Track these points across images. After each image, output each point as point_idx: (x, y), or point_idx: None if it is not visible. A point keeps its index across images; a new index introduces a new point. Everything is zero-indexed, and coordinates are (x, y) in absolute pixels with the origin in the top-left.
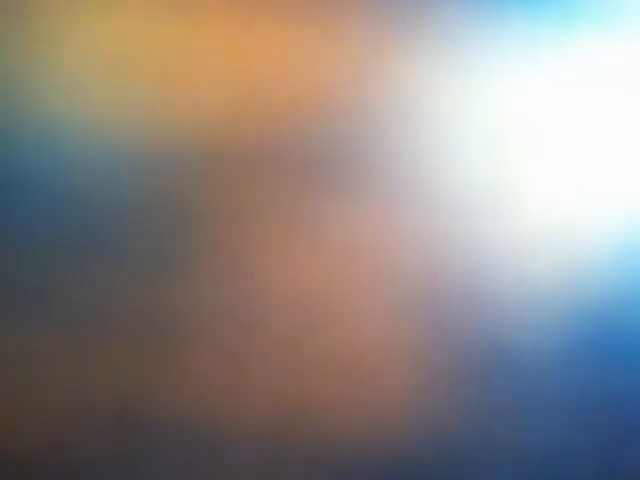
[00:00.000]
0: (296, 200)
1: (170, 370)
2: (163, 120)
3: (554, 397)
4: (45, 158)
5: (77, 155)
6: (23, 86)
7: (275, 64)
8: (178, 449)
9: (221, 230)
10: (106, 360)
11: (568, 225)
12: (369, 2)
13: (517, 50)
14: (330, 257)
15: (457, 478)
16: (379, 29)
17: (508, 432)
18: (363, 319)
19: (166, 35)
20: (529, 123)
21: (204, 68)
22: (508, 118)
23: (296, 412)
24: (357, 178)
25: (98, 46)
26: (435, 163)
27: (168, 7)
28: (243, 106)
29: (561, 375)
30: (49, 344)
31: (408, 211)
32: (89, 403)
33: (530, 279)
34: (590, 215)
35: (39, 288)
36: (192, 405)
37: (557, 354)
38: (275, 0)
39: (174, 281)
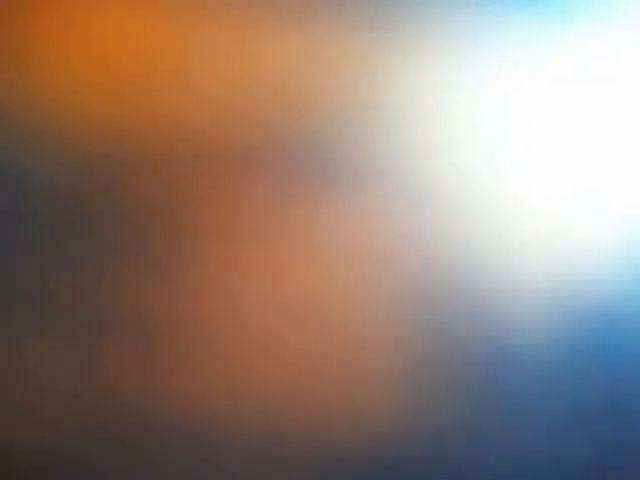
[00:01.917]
0: (293, 200)
1: (168, 371)
2: (160, 120)
3: (553, 397)
4: (37, 158)
5: (72, 154)
6: (19, 89)
7: (272, 65)
8: (177, 449)
9: (218, 230)
10: (104, 360)
11: (567, 225)
12: (367, 4)
13: (515, 49)
14: (327, 257)
15: (456, 478)
16: (377, 30)
17: (508, 432)
18: (361, 319)
19: (163, 36)
20: (528, 123)
21: (201, 69)
22: (506, 118)
23: (294, 412)
24: (354, 178)
25: (95, 50)
26: (433, 163)
27: (165, 9)
28: (240, 107)
29: (560, 375)
30: (47, 346)
31: (406, 211)
32: (88, 403)
33: (529, 279)
34: (589, 215)
35: (36, 288)
36: (190, 405)
37: (556, 354)
38: (273, 2)
39: (171, 282)
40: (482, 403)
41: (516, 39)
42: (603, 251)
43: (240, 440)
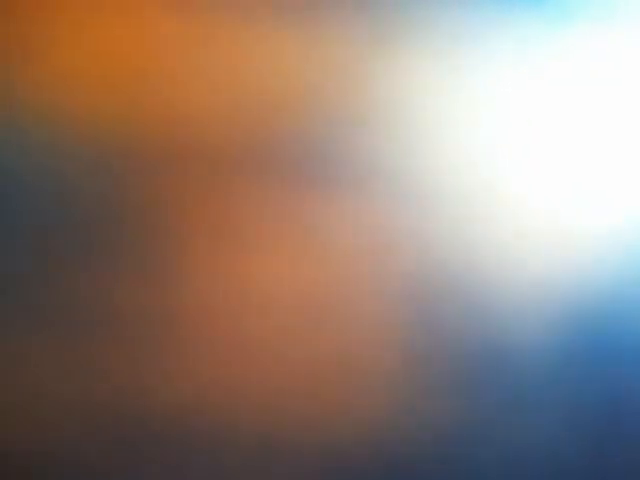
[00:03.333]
0: (292, 200)
1: (168, 371)
2: (159, 120)
3: (552, 396)
4: (38, 158)
5: (72, 155)
6: (19, 88)
7: (270, 66)
8: (176, 448)
9: (217, 231)
10: (104, 360)
11: (566, 224)
12: (367, 4)
13: (515, 49)
14: (325, 256)
15: (454, 477)
16: (377, 30)
17: (507, 431)
18: (359, 318)
19: (162, 37)
20: (528, 122)
21: (199, 70)
22: (506, 117)
23: (293, 411)
24: (354, 178)
25: (95, 49)
26: (433, 163)
27: (165, 9)
28: (238, 107)
29: (559, 374)
30: (45, 345)
31: (406, 211)
32: (85, 404)
33: (528, 278)
34: (589, 214)
35: (37, 288)
36: (189, 405)
37: (555, 353)
38: (273, 2)
39: (171, 282)
40: (481, 402)
41: (516, 39)
42: (603, 250)
43: (239, 439)
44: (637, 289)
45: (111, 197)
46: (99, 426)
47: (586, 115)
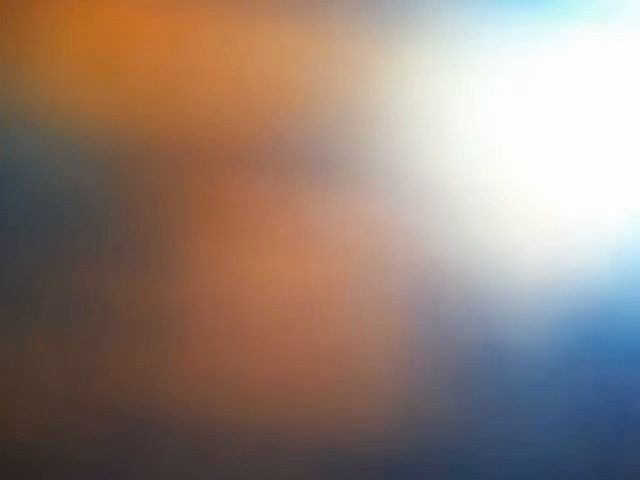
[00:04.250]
0: (290, 198)
1: (168, 370)
2: (158, 118)
3: (552, 397)
4: (38, 157)
5: (69, 154)
6: (16, 86)
7: (270, 63)
8: (177, 448)
9: (216, 228)
10: (104, 360)
11: (565, 223)
12: (367, 1)
13: (514, 48)
14: (324, 256)
15: (454, 478)
16: (376, 28)
17: (507, 432)
18: (359, 318)
19: (160, 35)
20: (528, 122)
21: (197, 68)
22: (506, 117)
23: (293, 411)
24: (352, 176)
25: (92, 46)
26: (429, 161)
27: (163, 5)
28: (237, 105)
29: (559, 375)
30: (46, 344)
31: (405, 210)
32: (87, 402)
33: (529, 279)
34: (589, 215)
35: (37, 288)
36: (189, 404)
37: (555, 354)
38: (270, 0)
39: (170, 281)
40: (481, 401)
41: (516, 39)
42: (603, 250)
43: (240, 439)
44: (637, 289)
45: (110, 196)
46: (99, 426)
47: (586, 115)
